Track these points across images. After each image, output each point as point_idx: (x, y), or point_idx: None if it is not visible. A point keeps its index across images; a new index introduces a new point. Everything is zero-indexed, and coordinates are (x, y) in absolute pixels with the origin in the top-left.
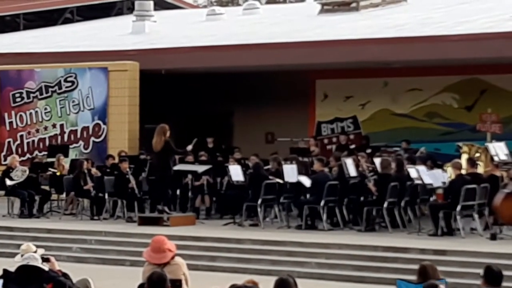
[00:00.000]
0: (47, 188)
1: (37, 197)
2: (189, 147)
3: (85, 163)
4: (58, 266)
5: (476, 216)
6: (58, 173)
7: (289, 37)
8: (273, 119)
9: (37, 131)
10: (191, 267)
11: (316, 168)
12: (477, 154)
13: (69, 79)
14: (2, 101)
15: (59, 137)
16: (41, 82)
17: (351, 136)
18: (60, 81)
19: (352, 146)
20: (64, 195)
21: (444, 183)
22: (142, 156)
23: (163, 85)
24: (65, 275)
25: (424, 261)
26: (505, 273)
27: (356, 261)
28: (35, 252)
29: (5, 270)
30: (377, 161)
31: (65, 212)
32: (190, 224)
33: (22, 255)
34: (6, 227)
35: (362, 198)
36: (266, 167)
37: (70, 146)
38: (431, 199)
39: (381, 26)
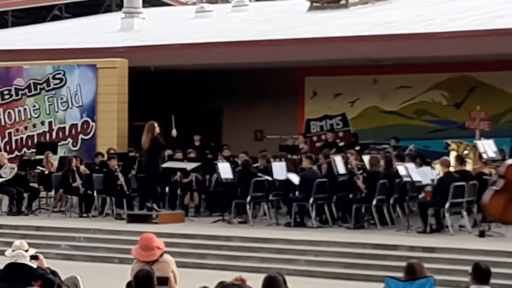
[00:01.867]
0: (35, 185)
1: (25, 195)
2: (174, 132)
3: (74, 160)
4: (46, 263)
5: (464, 213)
6: (46, 172)
7: (278, 34)
8: (262, 116)
9: (26, 128)
10: (180, 265)
11: (305, 165)
12: (466, 152)
13: (57, 76)
14: None
15: (48, 135)
16: (29, 79)
17: (340, 134)
18: (48, 78)
19: (341, 144)
20: (52, 193)
21: (433, 180)
22: (131, 154)
23: (152, 82)
24: (53, 272)
25: (411, 259)
26: (493, 270)
27: (345, 258)
28: (27, 251)
29: None
30: (366, 158)
31: (53, 209)
32: (179, 222)
33: (13, 250)
34: None
35: (351, 196)
36: (255, 165)
37: (59, 144)
38: (420, 196)
39: (371, 23)
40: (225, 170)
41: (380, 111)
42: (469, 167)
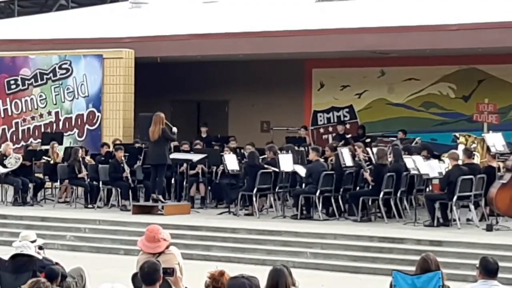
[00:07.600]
0: (41, 176)
1: (31, 185)
2: (174, 129)
3: (80, 151)
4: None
5: (472, 207)
6: (52, 162)
7: (285, 25)
8: (268, 108)
9: (33, 118)
10: (185, 257)
11: (312, 157)
12: (474, 145)
13: (63, 66)
14: None
15: (54, 125)
16: (35, 69)
17: (347, 126)
18: (55, 68)
19: (348, 136)
20: (58, 183)
21: (440, 173)
22: (137, 145)
23: (159, 73)
24: (56, 263)
25: (426, 253)
26: (501, 264)
27: (352, 251)
28: (34, 241)
29: None
30: (374, 151)
31: (59, 200)
32: (185, 213)
33: (20, 241)
34: (0, 215)
35: (358, 188)
36: (262, 157)
37: (65, 134)
38: (428, 189)
39: (378, 15)
40: (231, 161)
41: (388, 103)
42: (477, 160)
